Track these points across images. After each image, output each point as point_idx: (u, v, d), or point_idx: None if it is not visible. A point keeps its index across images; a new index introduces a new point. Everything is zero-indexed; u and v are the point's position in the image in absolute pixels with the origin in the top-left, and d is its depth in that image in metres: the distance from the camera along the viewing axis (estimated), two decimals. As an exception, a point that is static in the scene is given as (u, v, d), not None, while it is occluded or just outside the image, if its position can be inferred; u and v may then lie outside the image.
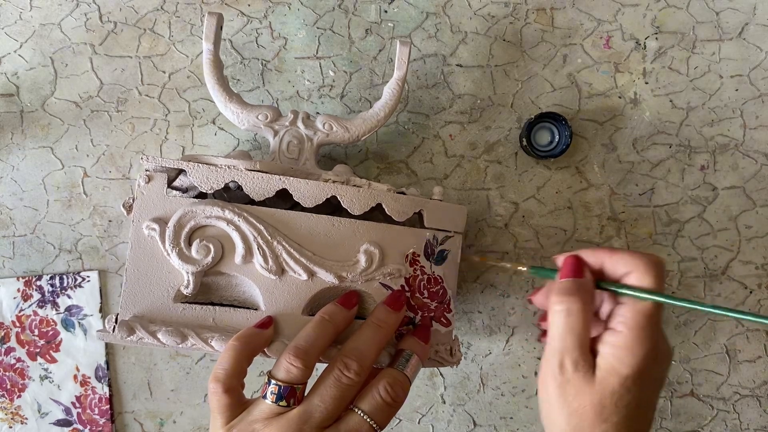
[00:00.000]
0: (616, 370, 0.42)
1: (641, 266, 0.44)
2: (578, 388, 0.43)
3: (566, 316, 0.44)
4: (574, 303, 0.44)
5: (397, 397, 0.45)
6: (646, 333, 0.43)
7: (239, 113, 0.56)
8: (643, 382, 0.43)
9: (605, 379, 0.43)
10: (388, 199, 0.50)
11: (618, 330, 0.43)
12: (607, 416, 0.42)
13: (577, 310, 0.44)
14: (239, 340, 0.44)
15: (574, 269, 0.46)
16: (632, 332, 0.43)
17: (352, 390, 0.44)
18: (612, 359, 0.43)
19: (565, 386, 0.44)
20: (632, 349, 0.42)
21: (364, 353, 0.45)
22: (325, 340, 0.45)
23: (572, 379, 0.43)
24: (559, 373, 0.44)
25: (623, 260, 0.45)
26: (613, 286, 0.45)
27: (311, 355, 0.44)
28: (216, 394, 0.44)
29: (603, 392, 0.43)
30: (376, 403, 0.44)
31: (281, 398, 0.43)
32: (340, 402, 0.44)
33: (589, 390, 0.43)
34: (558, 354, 0.44)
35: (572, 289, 0.45)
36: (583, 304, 0.44)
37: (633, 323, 0.43)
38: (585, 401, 0.43)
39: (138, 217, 0.48)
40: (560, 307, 0.44)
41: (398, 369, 0.47)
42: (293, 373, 0.43)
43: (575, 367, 0.43)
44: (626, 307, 0.44)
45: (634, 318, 0.43)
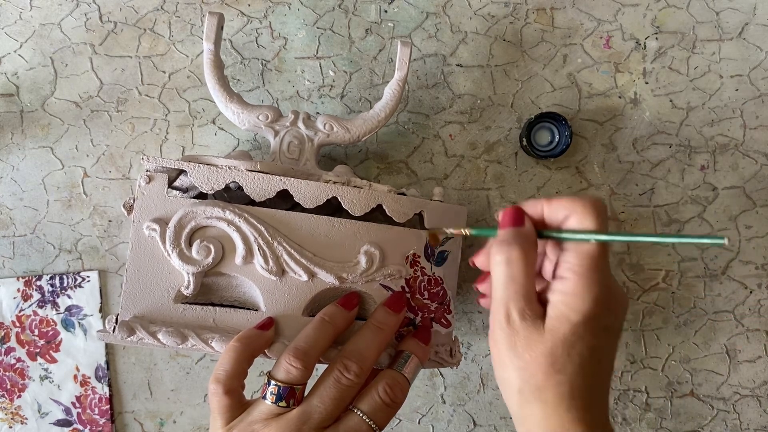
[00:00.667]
0: (566, 317, 0.40)
1: (579, 208, 0.41)
2: (528, 339, 0.41)
3: (506, 265, 0.42)
4: (513, 251, 0.42)
5: (396, 398, 0.45)
6: (593, 276, 0.40)
7: (240, 113, 0.56)
8: (596, 329, 0.41)
9: (555, 327, 0.41)
10: (388, 200, 0.50)
11: (564, 276, 0.41)
12: (560, 366, 0.41)
13: (517, 257, 0.42)
14: (240, 342, 0.44)
15: (513, 219, 0.44)
16: (579, 277, 0.40)
17: (351, 391, 0.44)
18: (561, 306, 0.41)
19: (513, 338, 0.42)
20: (580, 293, 0.40)
21: (364, 355, 0.45)
22: (325, 342, 0.45)
23: (520, 329, 0.41)
24: (506, 324, 0.42)
25: (561, 205, 0.43)
26: (554, 233, 0.43)
27: (311, 356, 0.44)
28: (216, 395, 0.44)
29: (554, 341, 0.40)
30: (375, 404, 0.44)
31: (281, 399, 0.43)
32: (340, 403, 0.44)
33: (539, 339, 0.41)
34: (503, 306, 0.42)
35: (511, 238, 0.43)
36: (523, 251, 0.42)
37: (579, 268, 0.41)
38: (536, 351, 0.41)
39: (138, 218, 0.48)
40: (500, 257, 0.42)
41: (397, 370, 0.47)
42: (293, 374, 0.43)
43: (522, 317, 0.41)
44: (570, 252, 0.41)
45: (579, 262, 0.41)
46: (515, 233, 0.43)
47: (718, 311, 0.64)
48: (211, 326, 0.47)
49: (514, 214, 0.44)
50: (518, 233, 0.43)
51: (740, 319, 0.64)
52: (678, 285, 0.64)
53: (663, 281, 0.64)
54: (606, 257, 0.41)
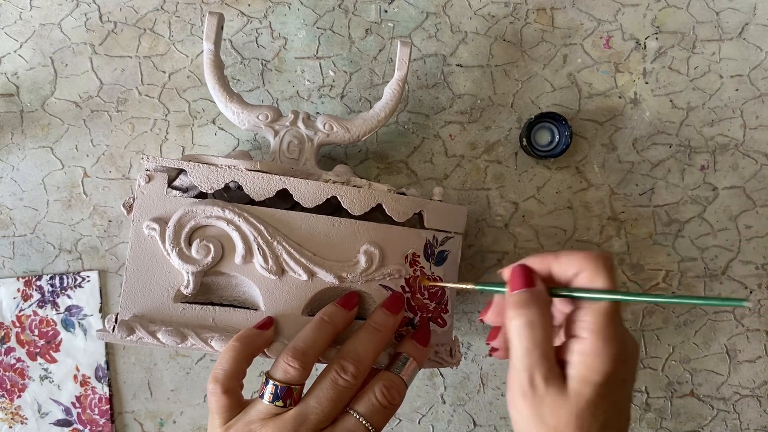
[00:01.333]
0: (588, 379, 0.40)
1: (590, 265, 0.41)
2: (553, 405, 0.41)
3: (528, 329, 0.41)
4: (533, 315, 0.41)
5: (393, 401, 0.45)
6: (610, 334, 0.41)
7: (240, 113, 0.56)
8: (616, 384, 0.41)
9: (579, 390, 0.40)
10: (388, 200, 0.50)
11: (582, 336, 0.41)
12: (587, 428, 0.40)
13: (538, 321, 0.41)
14: (239, 341, 0.44)
15: (524, 279, 0.43)
16: (597, 336, 0.40)
17: (348, 392, 0.44)
18: (582, 368, 0.41)
19: (539, 405, 0.41)
20: (600, 353, 0.40)
21: (362, 355, 0.45)
22: (324, 342, 0.45)
23: (545, 395, 0.41)
24: (530, 391, 0.41)
25: (570, 261, 0.42)
26: (567, 290, 0.43)
27: (309, 357, 0.44)
28: (215, 395, 0.44)
29: (579, 404, 0.40)
30: (372, 406, 0.44)
31: (278, 398, 0.43)
32: (336, 404, 0.44)
33: (565, 404, 0.41)
34: (526, 371, 0.41)
35: (528, 300, 0.42)
36: (542, 314, 0.42)
37: (595, 326, 0.41)
38: (562, 416, 0.41)
39: (138, 217, 0.48)
40: (519, 321, 0.42)
41: (395, 372, 0.47)
42: (291, 374, 0.43)
43: (546, 382, 0.41)
44: (585, 310, 0.41)
45: (595, 321, 0.41)
46: (531, 295, 0.42)
47: (718, 311, 0.64)
48: (211, 325, 0.47)
49: (524, 275, 0.43)
50: (534, 295, 0.42)
51: (740, 319, 0.64)
52: (678, 285, 0.64)
53: (663, 281, 0.64)
54: (620, 312, 0.42)
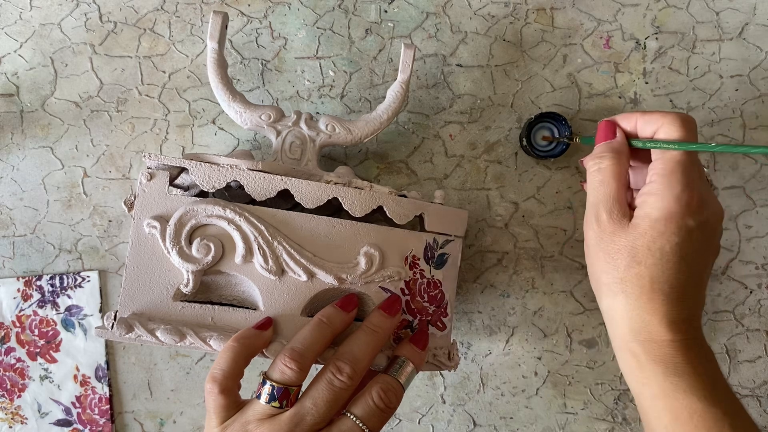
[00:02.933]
0: (647, 214, 0.45)
1: (668, 121, 0.46)
2: (613, 234, 0.46)
3: (597, 172, 0.48)
4: (604, 160, 0.48)
5: (390, 404, 0.45)
6: (675, 177, 0.45)
7: (242, 113, 0.56)
8: (678, 226, 0.45)
9: (637, 223, 0.45)
10: (389, 202, 0.50)
11: (650, 180, 0.46)
12: (641, 258, 0.45)
13: (607, 165, 0.47)
14: (237, 341, 0.44)
15: (606, 132, 0.50)
16: (662, 177, 0.45)
17: (344, 393, 0.44)
18: (644, 206, 0.45)
19: (601, 235, 0.47)
20: (662, 192, 0.45)
21: (358, 357, 0.45)
22: (321, 343, 0.45)
23: (607, 227, 0.47)
24: (596, 223, 0.47)
25: (653, 118, 0.47)
26: (641, 141, 0.48)
27: (307, 358, 0.44)
28: (212, 395, 0.44)
29: (635, 234, 0.45)
30: (368, 409, 0.44)
31: (275, 399, 0.43)
32: (332, 405, 0.44)
33: (623, 233, 0.46)
34: (593, 207, 0.48)
35: (603, 149, 0.49)
36: (612, 159, 0.48)
37: (662, 170, 0.45)
38: (619, 244, 0.46)
39: (139, 215, 0.48)
40: (593, 167, 0.49)
41: (392, 375, 0.47)
42: (288, 375, 0.43)
43: (609, 216, 0.47)
44: (657, 159, 0.46)
45: (663, 166, 0.45)
46: (607, 146, 0.49)
47: (718, 311, 0.64)
48: (210, 324, 0.47)
49: (606, 128, 0.50)
50: (609, 145, 0.49)
51: (740, 319, 0.64)
52: (678, 285, 0.64)
53: (663, 281, 0.64)
54: (693, 165, 0.46)
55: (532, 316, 0.64)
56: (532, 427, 0.64)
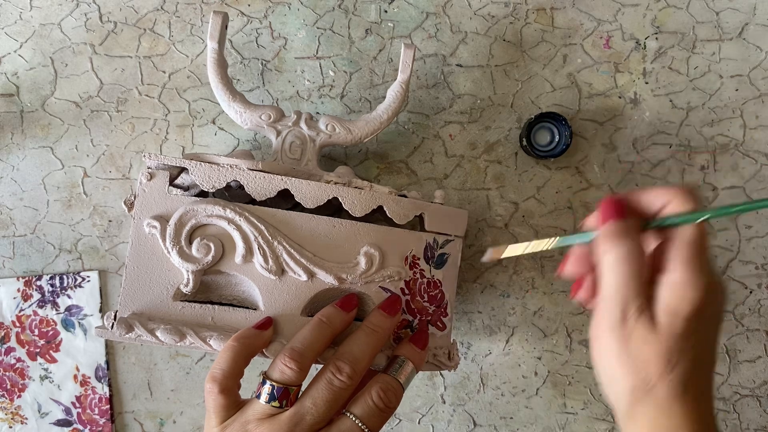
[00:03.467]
0: (678, 311, 0.39)
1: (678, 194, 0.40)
2: (642, 338, 0.40)
3: (623, 262, 0.40)
4: (628, 246, 0.40)
5: (389, 403, 0.45)
6: (699, 264, 0.39)
7: (242, 112, 0.56)
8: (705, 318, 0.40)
9: (669, 323, 0.39)
10: (389, 202, 0.50)
11: (671, 268, 0.40)
12: (675, 363, 0.39)
13: (634, 252, 0.40)
14: (237, 341, 0.44)
15: (617, 210, 0.41)
16: (686, 266, 0.39)
17: (344, 393, 0.44)
18: (672, 299, 0.39)
19: (627, 339, 0.40)
20: (690, 283, 0.39)
21: (358, 357, 0.45)
22: (321, 343, 0.45)
23: (635, 329, 0.40)
24: (621, 325, 0.40)
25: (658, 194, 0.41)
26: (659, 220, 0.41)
27: (307, 358, 0.44)
28: (212, 394, 0.44)
29: (669, 337, 0.39)
30: (368, 408, 0.44)
31: (274, 399, 0.43)
32: (332, 405, 0.44)
33: (654, 338, 0.39)
34: (620, 304, 0.40)
35: (622, 230, 0.40)
36: (637, 245, 0.40)
37: (684, 257, 0.39)
38: (651, 351, 0.39)
39: (139, 215, 0.48)
40: (615, 253, 0.40)
41: (392, 375, 0.47)
42: (287, 375, 0.43)
43: (639, 316, 0.40)
44: (673, 243, 0.40)
45: (683, 252, 0.39)
46: (626, 226, 0.41)
47: (718, 311, 0.64)
48: (210, 324, 0.47)
49: (618, 206, 0.41)
50: (628, 225, 0.41)
51: (740, 319, 0.64)
52: (678, 285, 0.64)
53: (663, 281, 0.64)
54: (707, 243, 0.40)
55: (532, 316, 0.64)
56: (532, 427, 0.64)
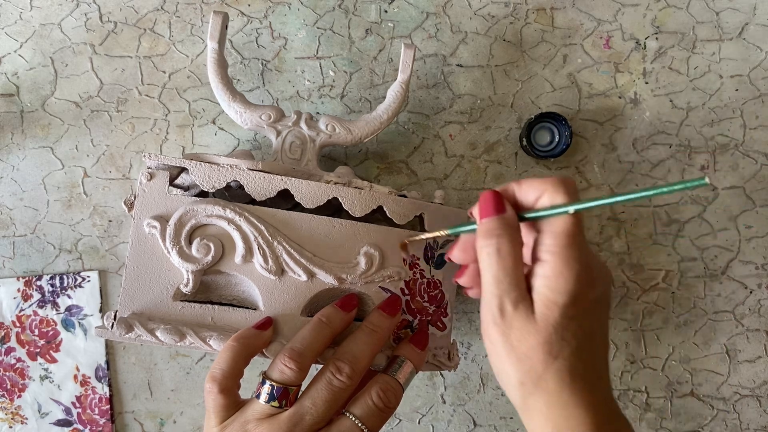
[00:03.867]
0: (553, 301, 0.40)
1: (549, 186, 0.41)
2: (521, 329, 0.40)
3: (497, 256, 0.41)
4: (502, 241, 0.41)
5: (389, 403, 0.45)
6: (571, 253, 0.40)
7: (242, 112, 0.56)
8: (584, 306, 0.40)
9: (545, 314, 0.40)
10: (389, 202, 0.50)
11: (544, 259, 0.40)
12: (557, 352, 0.40)
13: (507, 248, 0.41)
14: (237, 341, 0.44)
15: (493, 205, 0.42)
16: (557, 257, 0.40)
17: (343, 393, 0.44)
18: (546, 290, 0.40)
19: (508, 331, 0.41)
20: (562, 274, 0.40)
21: (357, 357, 0.45)
22: (321, 343, 0.45)
23: (514, 320, 0.40)
24: (500, 317, 0.41)
25: (531, 186, 0.42)
26: (532, 212, 0.42)
27: (306, 357, 0.44)
28: (211, 394, 0.44)
29: (546, 327, 0.40)
30: (368, 408, 0.44)
31: (274, 399, 0.43)
32: (332, 405, 0.43)
33: (533, 329, 0.40)
34: (496, 298, 0.41)
35: (497, 226, 0.42)
36: (511, 240, 0.41)
37: (555, 248, 0.40)
38: (531, 341, 0.40)
39: (139, 215, 0.48)
40: (489, 249, 0.41)
41: (391, 375, 0.47)
42: (287, 375, 0.43)
43: (515, 308, 0.40)
44: (546, 234, 0.41)
45: (555, 242, 0.40)
46: (501, 222, 0.42)
47: (718, 311, 0.64)
48: (210, 324, 0.47)
49: (495, 200, 0.42)
50: (503, 221, 0.42)
51: (740, 319, 0.64)
52: (678, 285, 0.64)
53: (663, 281, 0.64)
54: (581, 233, 0.41)
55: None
56: (532, 427, 0.64)
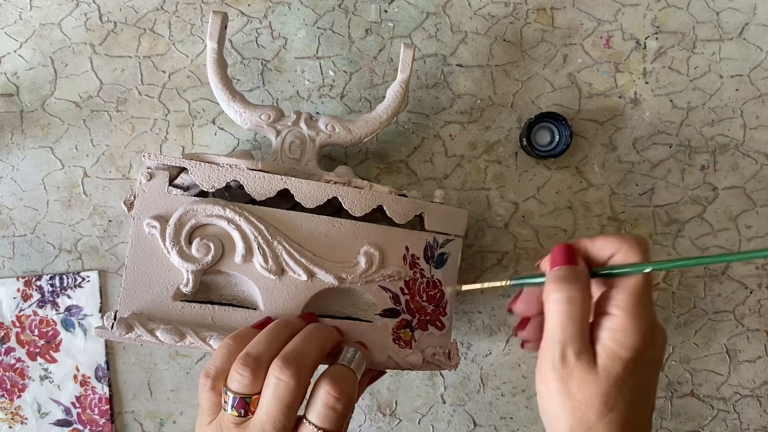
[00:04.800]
0: (618, 355, 0.41)
1: (625, 245, 0.43)
2: (582, 379, 0.41)
3: (567, 304, 0.42)
4: (574, 290, 0.42)
5: (341, 394, 0.42)
6: (640, 311, 0.42)
7: (242, 112, 0.56)
8: (644, 363, 0.42)
9: (608, 366, 0.41)
10: (389, 201, 0.50)
11: (613, 313, 0.42)
12: (612, 404, 0.41)
13: (578, 297, 0.42)
14: (234, 339, 0.44)
15: (567, 256, 0.44)
16: (627, 313, 0.41)
17: (293, 393, 0.41)
18: (611, 343, 0.41)
19: (567, 378, 0.42)
20: (630, 330, 0.41)
21: (303, 352, 0.42)
22: (280, 346, 0.43)
23: (575, 369, 0.41)
24: (561, 365, 0.42)
25: (606, 243, 0.44)
26: (606, 269, 0.44)
27: (262, 362, 0.42)
28: (204, 391, 0.43)
29: (608, 379, 0.41)
30: (322, 411, 0.41)
31: (233, 409, 0.41)
32: (285, 408, 0.41)
33: (593, 379, 0.41)
34: (559, 345, 0.42)
35: (570, 275, 0.43)
36: (582, 290, 0.42)
37: (626, 304, 0.42)
38: (590, 391, 0.41)
39: (139, 215, 0.48)
40: (559, 295, 0.42)
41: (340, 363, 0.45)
42: (241, 384, 0.41)
43: (578, 357, 0.41)
44: (617, 289, 0.42)
45: (626, 299, 0.42)
46: (573, 271, 0.43)
47: (718, 311, 0.64)
48: (210, 324, 0.47)
49: (567, 252, 0.44)
50: (576, 271, 0.43)
51: (740, 319, 0.64)
52: (678, 285, 0.64)
53: (663, 281, 0.64)
54: (650, 292, 0.43)
55: (532, 316, 0.64)
56: (532, 427, 0.64)
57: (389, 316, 0.51)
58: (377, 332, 0.50)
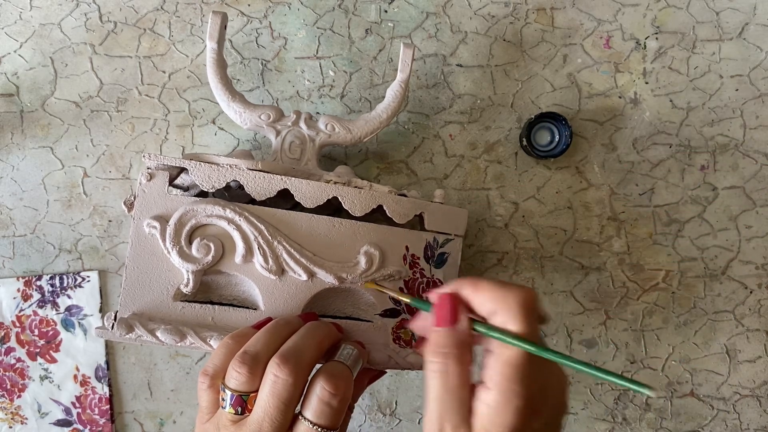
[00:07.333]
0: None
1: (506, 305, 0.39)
2: None
3: (442, 378, 0.39)
4: (450, 362, 0.39)
5: (337, 390, 0.41)
6: (514, 388, 0.38)
7: (242, 113, 0.56)
8: None
9: None
10: (389, 201, 0.50)
11: (488, 386, 0.39)
12: None
13: (454, 369, 0.39)
14: (233, 338, 0.44)
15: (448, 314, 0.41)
16: (500, 389, 0.38)
17: (290, 391, 0.41)
18: (485, 421, 0.38)
19: None
20: (502, 408, 0.38)
21: (301, 350, 0.42)
22: (277, 344, 0.43)
23: None
24: None
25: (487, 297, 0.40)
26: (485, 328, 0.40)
27: (259, 361, 0.42)
28: (202, 389, 0.43)
29: None
30: (318, 407, 0.41)
31: (230, 406, 0.41)
32: (282, 406, 0.41)
33: None
34: (437, 420, 0.39)
35: (447, 344, 0.40)
36: (460, 360, 0.40)
37: (500, 378, 0.38)
38: None
39: (139, 215, 0.48)
40: (436, 366, 0.40)
41: (337, 360, 0.44)
42: (239, 381, 0.41)
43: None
44: (493, 357, 0.39)
45: (501, 371, 0.38)
46: (451, 339, 0.40)
47: (718, 311, 0.64)
48: (210, 324, 0.47)
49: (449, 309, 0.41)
50: (454, 338, 0.40)
51: (740, 319, 0.64)
52: (678, 285, 0.64)
53: (663, 281, 0.64)
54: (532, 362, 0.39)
55: (532, 316, 0.64)
56: (532, 427, 0.64)
57: (389, 316, 0.51)
58: (377, 332, 0.50)
